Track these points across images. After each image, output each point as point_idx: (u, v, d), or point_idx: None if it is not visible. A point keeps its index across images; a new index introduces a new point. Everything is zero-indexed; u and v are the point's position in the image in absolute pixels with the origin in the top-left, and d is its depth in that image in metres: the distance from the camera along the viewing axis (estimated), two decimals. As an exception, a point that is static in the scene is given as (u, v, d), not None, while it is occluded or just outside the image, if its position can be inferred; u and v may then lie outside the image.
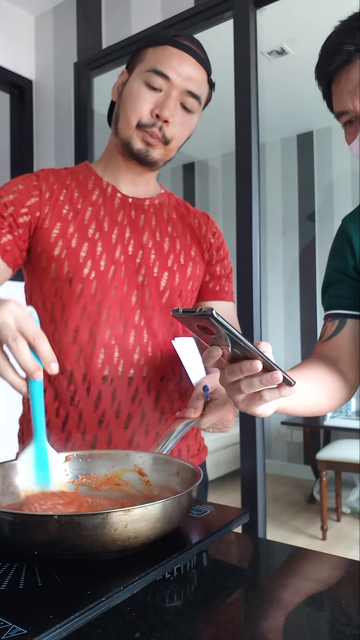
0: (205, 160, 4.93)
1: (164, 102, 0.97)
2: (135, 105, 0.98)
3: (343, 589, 0.61)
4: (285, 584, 0.62)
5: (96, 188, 1.05)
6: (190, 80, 0.99)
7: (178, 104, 0.99)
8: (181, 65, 0.98)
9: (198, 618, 0.54)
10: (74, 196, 1.02)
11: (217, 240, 1.14)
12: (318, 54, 0.84)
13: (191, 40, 1.01)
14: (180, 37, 1.00)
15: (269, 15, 2.15)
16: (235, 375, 0.61)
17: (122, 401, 0.97)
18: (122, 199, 1.05)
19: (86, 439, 0.96)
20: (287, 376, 0.61)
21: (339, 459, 3.21)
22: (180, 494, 0.61)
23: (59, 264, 0.96)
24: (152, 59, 0.99)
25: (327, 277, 0.98)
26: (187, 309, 0.56)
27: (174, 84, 0.97)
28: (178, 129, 1.01)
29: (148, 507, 0.56)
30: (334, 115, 0.86)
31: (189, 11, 2.13)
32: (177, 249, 1.06)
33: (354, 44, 0.78)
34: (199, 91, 1.00)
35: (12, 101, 2.79)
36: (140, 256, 1.01)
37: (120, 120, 1.01)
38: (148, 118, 0.98)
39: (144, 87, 0.98)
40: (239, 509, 0.75)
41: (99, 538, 0.54)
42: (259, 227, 1.99)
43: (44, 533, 0.54)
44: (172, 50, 0.98)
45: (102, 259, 0.97)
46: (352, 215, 0.96)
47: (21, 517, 0.56)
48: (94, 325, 0.96)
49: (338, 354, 0.91)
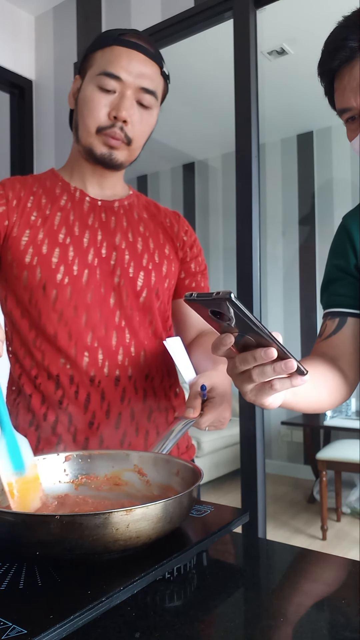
0: (205, 160, 4.93)
1: (119, 103, 0.97)
2: (91, 111, 0.98)
3: (343, 589, 0.61)
4: (285, 584, 0.62)
5: (64, 193, 1.05)
6: (143, 76, 0.98)
7: (134, 102, 0.99)
8: (131, 63, 0.97)
9: (198, 618, 0.54)
10: (42, 202, 1.02)
11: (190, 238, 1.15)
12: (321, 50, 0.83)
13: (138, 37, 1.00)
14: (127, 34, 1.00)
15: (269, 15, 2.15)
16: (247, 363, 0.59)
17: (112, 402, 0.98)
18: (91, 202, 1.05)
19: (77, 441, 0.97)
20: (301, 365, 0.59)
21: (339, 459, 3.21)
22: (181, 493, 0.61)
23: (31, 271, 0.96)
24: (101, 61, 0.98)
25: (328, 275, 0.97)
26: (202, 294, 0.53)
27: (126, 83, 0.97)
28: (138, 127, 1.00)
29: (150, 507, 0.56)
30: (336, 112, 0.86)
31: (189, 11, 2.13)
32: (151, 247, 1.06)
33: (357, 40, 0.77)
34: (153, 86, 1.00)
35: (12, 101, 2.79)
36: (115, 258, 1.01)
37: (80, 127, 1.01)
38: (106, 121, 0.98)
39: (97, 91, 0.98)
40: (239, 509, 0.75)
41: (100, 538, 0.54)
42: (259, 227, 1.99)
43: (46, 533, 0.54)
44: (120, 49, 0.97)
45: (74, 264, 0.98)
46: (353, 212, 0.95)
47: (22, 517, 0.56)
48: (72, 329, 0.96)
49: (338, 352, 0.91)
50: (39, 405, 0.98)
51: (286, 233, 4.53)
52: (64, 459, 0.79)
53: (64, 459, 0.79)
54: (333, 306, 0.94)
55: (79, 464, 0.80)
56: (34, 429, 0.99)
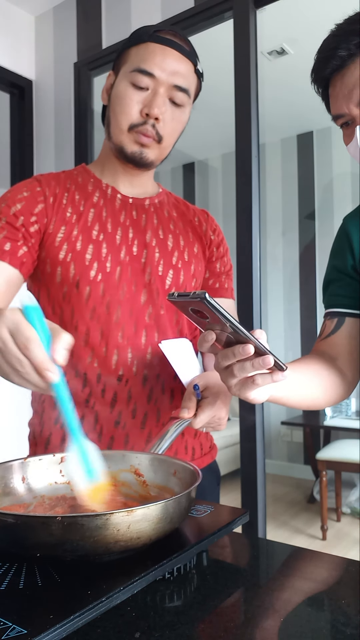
0: (205, 160, 4.93)
1: (152, 100, 0.96)
2: (123, 107, 0.97)
3: (343, 589, 0.61)
4: (285, 584, 0.62)
5: (96, 190, 1.04)
6: (176, 74, 0.97)
7: (167, 100, 0.98)
8: (165, 60, 0.96)
9: (198, 618, 0.54)
10: (76, 198, 1.01)
11: (217, 237, 1.14)
12: (314, 58, 0.85)
13: (174, 34, 0.99)
14: (162, 31, 0.98)
15: (269, 15, 2.15)
16: (228, 359, 0.63)
17: (138, 401, 0.97)
18: (122, 199, 1.05)
19: (103, 440, 0.96)
20: (279, 361, 0.63)
21: (339, 459, 3.21)
22: (181, 494, 0.61)
23: (65, 267, 0.96)
24: (135, 58, 0.97)
25: (327, 276, 0.98)
26: (182, 293, 0.57)
27: (159, 80, 0.96)
28: (169, 125, 0.99)
29: (151, 507, 0.56)
30: (332, 118, 0.87)
31: (189, 11, 2.13)
32: (181, 245, 1.06)
33: (347, 49, 0.79)
34: (186, 84, 0.99)
35: (12, 101, 2.79)
36: (145, 255, 1.00)
37: (112, 124, 1.01)
38: (138, 118, 0.97)
39: (131, 87, 0.97)
40: (239, 509, 0.75)
41: (101, 539, 0.54)
42: (259, 227, 1.99)
43: (47, 534, 0.53)
44: (155, 46, 0.96)
45: (107, 261, 0.97)
46: (353, 214, 0.96)
47: (24, 518, 0.56)
48: (104, 326, 0.96)
49: (336, 351, 0.92)
50: None
51: (286, 233, 4.53)
52: (60, 459, 0.79)
53: (60, 459, 0.79)
54: (332, 306, 0.95)
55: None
56: (59, 426, 0.98)
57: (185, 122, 1.04)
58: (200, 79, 1.05)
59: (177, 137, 1.05)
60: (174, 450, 1.01)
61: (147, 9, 2.31)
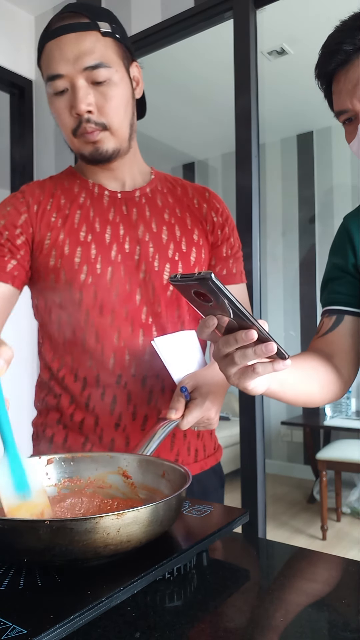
0: (205, 160, 4.93)
1: (73, 99, 0.92)
2: (58, 118, 0.96)
3: (343, 589, 0.61)
4: (285, 584, 0.62)
5: (82, 190, 1.02)
6: (81, 56, 0.90)
7: (88, 87, 0.91)
8: (63, 52, 0.90)
9: (198, 618, 0.54)
10: (61, 202, 1.00)
11: (220, 217, 1.08)
12: (318, 54, 0.84)
13: (64, 16, 0.92)
14: (55, 22, 0.92)
15: (269, 15, 2.15)
16: (229, 346, 0.61)
17: (138, 403, 0.96)
18: (110, 196, 1.02)
19: (103, 442, 0.96)
20: (282, 349, 0.60)
21: (339, 459, 3.20)
22: (171, 496, 0.60)
23: (56, 273, 0.95)
24: (44, 67, 0.95)
25: (327, 274, 0.98)
26: (185, 274, 0.54)
27: (69, 75, 0.91)
28: (105, 107, 0.92)
29: (141, 510, 0.55)
30: (334, 114, 0.87)
31: (189, 11, 2.13)
32: (177, 236, 1.01)
33: (352, 44, 0.79)
34: (97, 59, 0.90)
35: (12, 101, 2.79)
36: (138, 252, 0.98)
37: (64, 136, 0.99)
38: (73, 122, 0.94)
39: (54, 97, 0.94)
40: (239, 509, 0.75)
41: (91, 543, 0.53)
42: (259, 227, 1.99)
43: (35, 539, 0.52)
44: (51, 44, 0.91)
45: (97, 262, 0.95)
46: (354, 213, 0.96)
47: (11, 523, 0.54)
48: (99, 330, 0.95)
49: (333, 349, 0.91)
50: (67, 405, 0.98)
51: (286, 233, 4.53)
52: (46, 462, 0.77)
53: (46, 462, 0.77)
54: (331, 304, 0.95)
55: (62, 467, 0.78)
56: (61, 427, 0.98)
57: (123, 94, 0.95)
58: (116, 34, 0.94)
59: (127, 111, 0.97)
60: (175, 452, 1.00)
61: (147, 9, 2.31)
